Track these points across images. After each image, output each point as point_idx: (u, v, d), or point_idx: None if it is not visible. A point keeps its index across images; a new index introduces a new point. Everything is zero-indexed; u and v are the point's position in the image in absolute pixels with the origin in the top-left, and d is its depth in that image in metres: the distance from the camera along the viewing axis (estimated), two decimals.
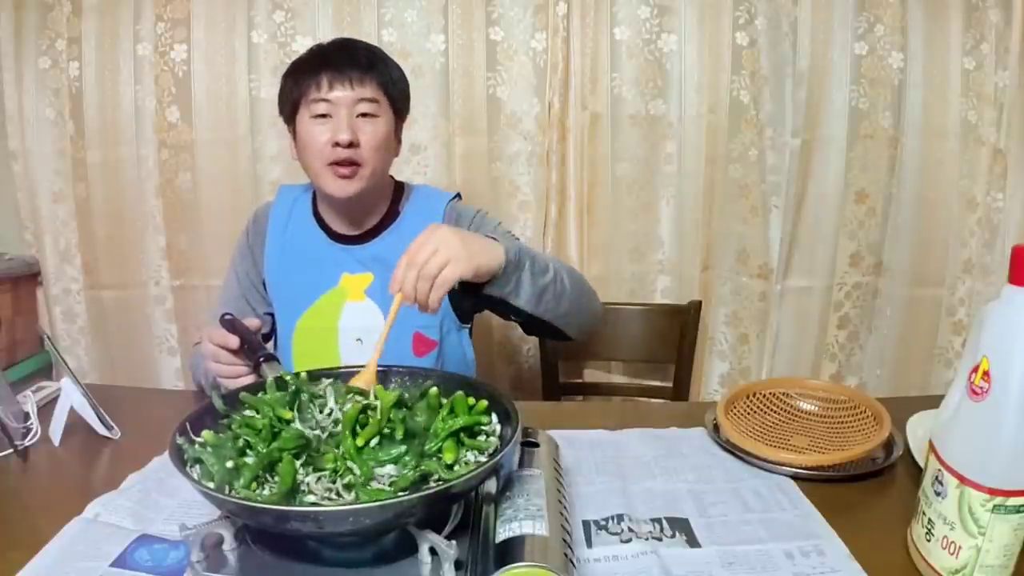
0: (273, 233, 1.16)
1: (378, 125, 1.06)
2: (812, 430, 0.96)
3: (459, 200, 1.21)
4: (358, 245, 1.13)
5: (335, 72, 1.03)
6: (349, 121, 1.03)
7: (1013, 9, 1.62)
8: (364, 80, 1.04)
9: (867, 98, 1.68)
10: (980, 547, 0.60)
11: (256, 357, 0.87)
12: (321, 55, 1.06)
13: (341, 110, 1.03)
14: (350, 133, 1.02)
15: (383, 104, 1.06)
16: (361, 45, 1.09)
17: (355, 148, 1.03)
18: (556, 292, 0.94)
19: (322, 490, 0.61)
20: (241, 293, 1.17)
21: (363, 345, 1.11)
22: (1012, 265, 0.59)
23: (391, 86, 1.07)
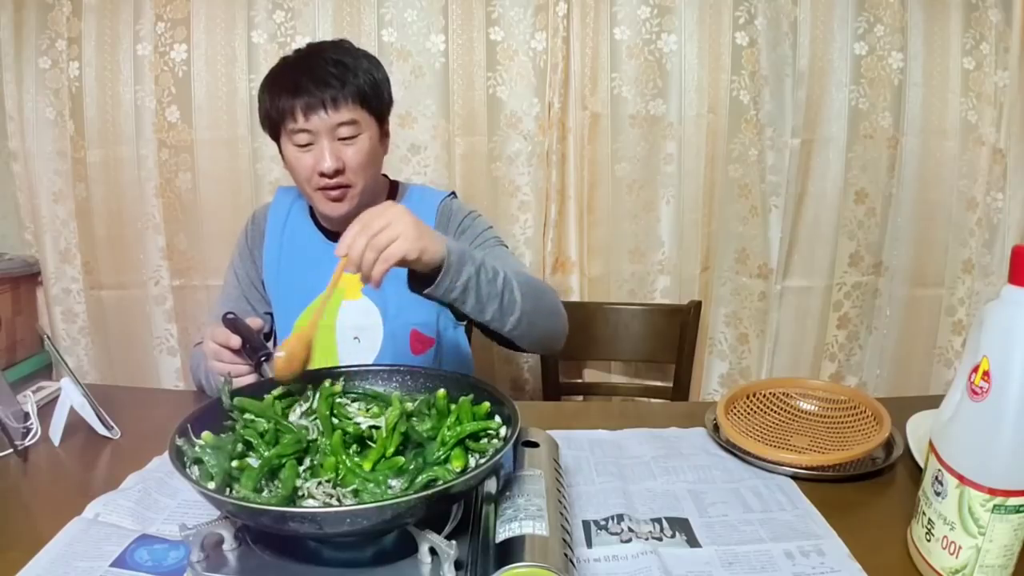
0: (271, 234, 1.16)
1: (360, 143, 1.03)
2: (812, 430, 0.96)
3: (454, 199, 1.20)
4: None
5: (308, 98, 0.99)
6: (331, 147, 1.01)
7: (1013, 9, 1.62)
8: (339, 103, 0.99)
9: (867, 98, 1.68)
10: (980, 547, 0.60)
11: (257, 356, 0.88)
12: (292, 75, 1.01)
13: (322, 137, 1.00)
14: (334, 161, 1.00)
15: (362, 119, 1.03)
16: (332, 56, 1.02)
17: (341, 174, 1.02)
18: (505, 303, 0.91)
19: (322, 494, 0.61)
20: (241, 293, 1.18)
21: (360, 343, 1.11)
22: (1012, 265, 0.59)
23: (369, 96, 1.03)
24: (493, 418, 0.71)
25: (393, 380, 0.81)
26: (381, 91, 1.06)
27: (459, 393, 0.73)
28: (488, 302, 0.89)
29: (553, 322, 1.01)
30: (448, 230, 1.15)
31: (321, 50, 1.05)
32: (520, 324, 0.93)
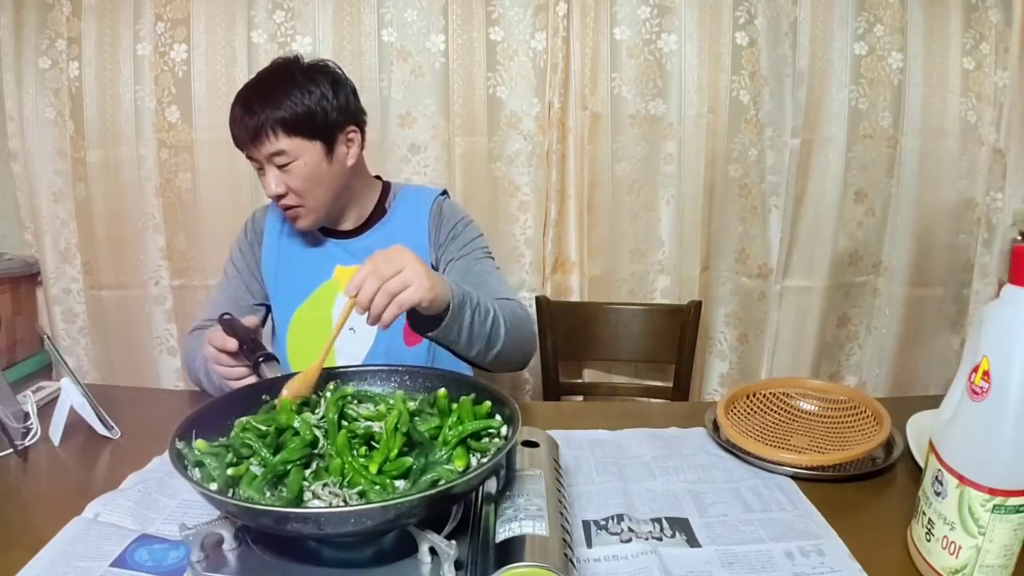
0: (270, 234, 1.19)
1: (297, 169, 1.04)
2: (812, 430, 0.96)
3: (446, 198, 1.22)
4: (348, 239, 1.16)
5: (240, 130, 1.04)
6: (272, 174, 1.05)
7: (1013, 9, 1.63)
8: (262, 136, 1.02)
9: (866, 98, 1.69)
10: (980, 547, 0.60)
11: (255, 357, 0.88)
12: (234, 106, 1.05)
13: (265, 164, 1.05)
14: (276, 187, 1.05)
15: (293, 147, 1.03)
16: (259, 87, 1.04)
17: (287, 196, 1.06)
18: (490, 340, 0.95)
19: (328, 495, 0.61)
20: (242, 282, 1.19)
21: (356, 334, 1.13)
22: (1012, 265, 0.59)
23: (298, 123, 1.02)
24: (494, 417, 0.71)
25: (392, 380, 0.81)
26: (315, 116, 1.04)
27: (459, 393, 0.73)
28: (476, 341, 0.94)
29: (525, 350, 1.07)
30: (440, 231, 1.17)
31: (265, 75, 1.07)
32: (498, 357, 0.98)
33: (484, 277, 1.11)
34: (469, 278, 1.09)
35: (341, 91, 1.08)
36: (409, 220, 1.17)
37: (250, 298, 1.19)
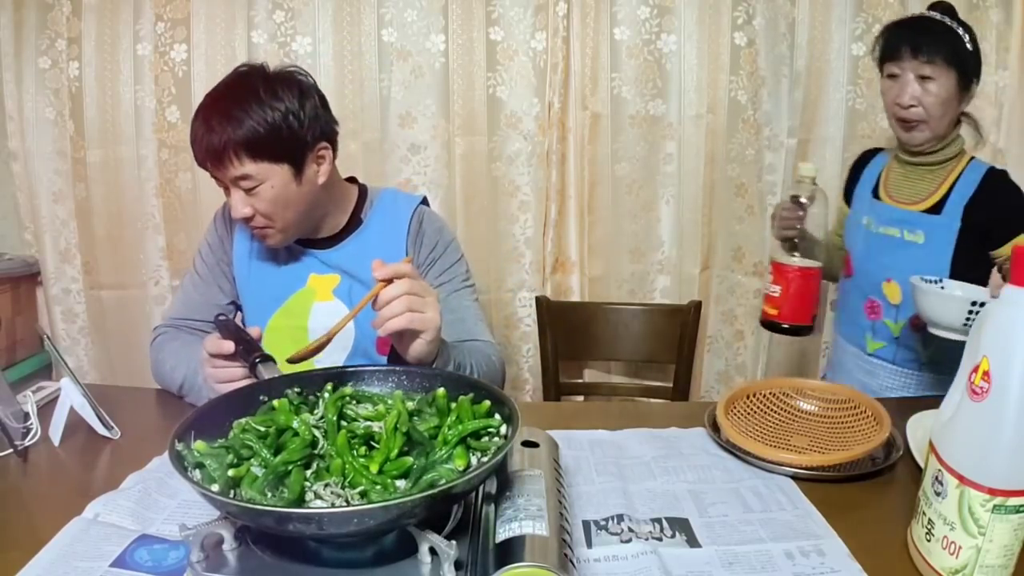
0: (241, 231, 1.15)
1: (263, 192, 1.00)
2: (812, 430, 0.96)
3: (427, 208, 1.19)
4: (323, 249, 1.13)
5: (203, 152, 0.98)
6: (238, 196, 1.00)
7: (1013, 9, 1.63)
8: (224, 160, 0.96)
9: (864, 99, 1.69)
10: (980, 547, 0.60)
11: (252, 358, 0.87)
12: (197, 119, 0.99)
13: (230, 186, 1.01)
14: (242, 208, 1.00)
15: (257, 171, 0.98)
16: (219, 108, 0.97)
17: (255, 217, 1.02)
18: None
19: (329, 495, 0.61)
20: (213, 279, 1.16)
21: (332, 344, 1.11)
22: (1012, 265, 0.59)
23: (260, 145, 0.97)
24: (493, 417, 0.71)
25: (390, 380, 0.81)
26: (280, 135, 0.97)
27: (457, 392, 0.73)
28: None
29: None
30: (421, 245, 1.13)
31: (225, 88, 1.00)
32: None
33: (461, 313, 1.10)
34: (446, 312, 1.04)
35: (308, 103, 1.01)
36: (386, 231, 1.13)
37: (221, 297, 1.15)
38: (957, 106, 1.22)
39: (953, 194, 1.22)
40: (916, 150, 1.25)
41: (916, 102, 1.18)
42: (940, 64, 1.16)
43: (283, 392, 0.75)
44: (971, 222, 1.19)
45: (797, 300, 1.15)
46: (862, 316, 1.31)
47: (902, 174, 1.30)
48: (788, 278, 1.16)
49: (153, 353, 1.13)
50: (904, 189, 1.29)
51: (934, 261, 1.21)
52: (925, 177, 1.26)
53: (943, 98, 1.18)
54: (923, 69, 1.17)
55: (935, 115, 1.19)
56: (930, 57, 1.16)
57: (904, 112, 1.20)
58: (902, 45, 1.19)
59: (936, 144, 1.24)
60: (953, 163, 1.24)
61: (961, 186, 1.22)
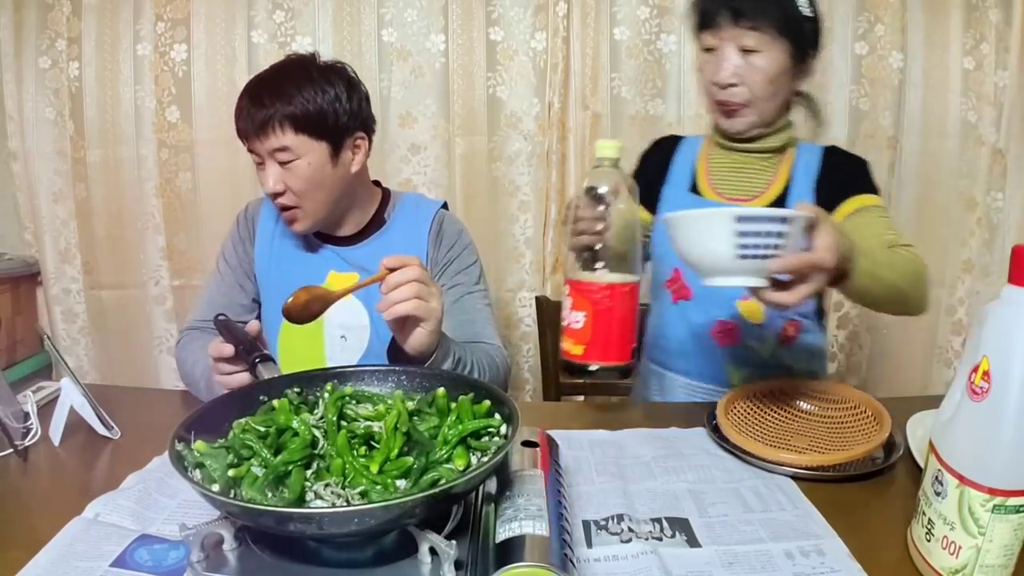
0: (263, 230, 1.17)
1: (299, 168, 1.02)
2: (812, 430, 0.96)
3: (447, 212, 1.21)
4: (344, 247, 1.14)
5: (246, 122, 1.01)
6: (272, 171, 1.02)
7: (1013, 9, 1.63)
8: (268, 130, 1.00)
9: (867, 98, 1.69)
10: (980, 547, 0.60)
11: (252, 358, 0.87)
12: (241, 98, 1.03)
13: (267, 159, 1.02)
14: (274, 184, 1.02)
15: (298, 145, 1.01)
16: (273, 80, 1.02)
17: (284, 195, 1.04)
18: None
19: (330, 495, 0.61)
20: (235, 279, 1.17)
21: (347, 342, 1.12)
22: (1012, 265, 0.59)
23: (308, 121, 1.01)
24: (493, 416, 0.71)
25: (389, 380, 0.81)
26: (326, 116, 1.02)
27: (457, 392, 0.73)
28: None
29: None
30: (440, 249, 1.15)
31: (279, 68, 1.05)
32: None
33: (472, 315, 1.11)
34: (457, 312, 1.08)
35: (355, 95, 1.06)
36: (408, 233, 1.15)
37: (244, 296, 1.17)
38: (790, 84, 1.01)
39: (795, 180, 1.04)
40: (738, 137, 1.05)
41: (738, 80, 0.98)
42: (768, 32, 0.95)
43: (283, 392, 0.75)
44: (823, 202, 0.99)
45: (608, 331, 0.88)
46: (711, 345, 1.10)
47: (729, 164, 1.10)
48: (594, 300, 0.88)
49: (177, 353, 1.14)
50: (734, 182, 1.09)
51: None
52: (759, 165, 1.07)
53: (771, 74, 0.96)
54: (746, 39, 0.96)
55: (762, 95, 0.98)
56: (755, 23, 0.94)
57: (723, 93, 1.00)
58: (719, 9, 0.96)
59: (764, 131, 1.04)
60: (789, 149, 1.07)
61: (803, 168, 1.05)
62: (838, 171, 1.06)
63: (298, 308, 0.86)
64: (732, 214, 0.71)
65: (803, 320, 1.13)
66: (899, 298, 0.92)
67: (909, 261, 0.95)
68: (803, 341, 1.13)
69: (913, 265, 0.94)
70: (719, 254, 0.73)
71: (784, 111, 1.06)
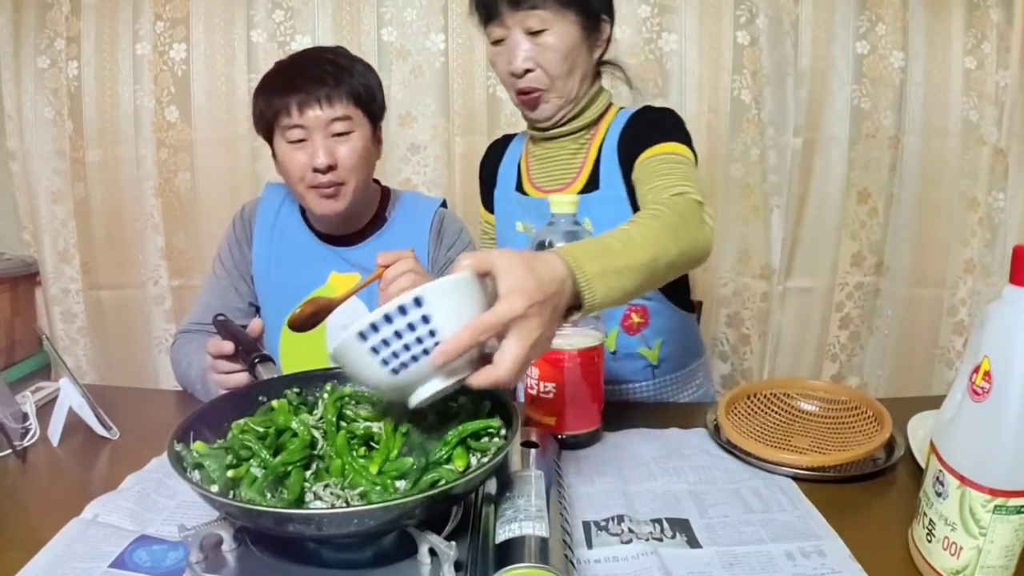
0: (261, 231, 1.16)
1: (354, 141, 1.03)
2: (813, 431, 0.95)
3: (447, 210, 1.21)
4: (345, 247, 1.14)
5: (304, 94, 1.00)
6: (324, 144, 1.02)
7: (1014, 8, 1.62)
8: (333, 99, 1.01)
9: (869, 97, 1.68)
10: (981, 548, 0.60)
11: (251, 358, 0.87)
12: (287, 74, 1.03)
13: (315, 134, 1.01)
14: (327, 157, 1.01)
15: (357, 118, 1.04)
16: (327, 57, 1.05)
17: (334, 170, 1.03)
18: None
19: (329, 496, 0.61)
20: (231, 282, 1.17)
21: None
22: (1013, 265, 0.58)
23: (363, 96, 1.04)
24: (493, 417, 0.71)
25: None
26: (375, 95, 1.07)
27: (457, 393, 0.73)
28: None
29: None
30: (440, 248, 1.16)
31: (318, 54, 1.07)
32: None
33: None
34: None
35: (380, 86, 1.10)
36: (408, 231, 1.15)
37: (239, 300, 1.16)
38: (588, 56, 0.97)
39: (603, 155, 0.98)
40: (548, 124, 1.01)
41: (532, 64, 0.94)
42: (550, 8, 0.91)
43: (282, 392, 0.74)
44: (629, 162, 0.93)
45: (580, 398, 0.86)
46: None
47: (542, 156, 1.06)
48: (565, 370, 0.85)
49: (172, 355, 1.14)
50: (550, 174, 1.05)
51: None
52: (571, 148, 1.02)
53: (564, 51, 0.92)
54: (530, 20, 0.92)
55: (559, 74, 0.94)
56: (533, 2, 0.91)
57: (522, 82, 0.95)
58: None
59: (572, 110, 0.99)
60: (599, 124, 1.00)
61: (609, 141, 0.98)
62: (637, 128, 0.98)
63: (303, 319, 0.86)
64: (352, 334, 0.58)
65: (648, 303, 1.04)
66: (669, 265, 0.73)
67: (655, 219, 0.76)
68: (660, 326, 1.05)
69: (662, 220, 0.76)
70: (379, 378, 0.59)
71: (588, 86, 1.00)
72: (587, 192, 1.00)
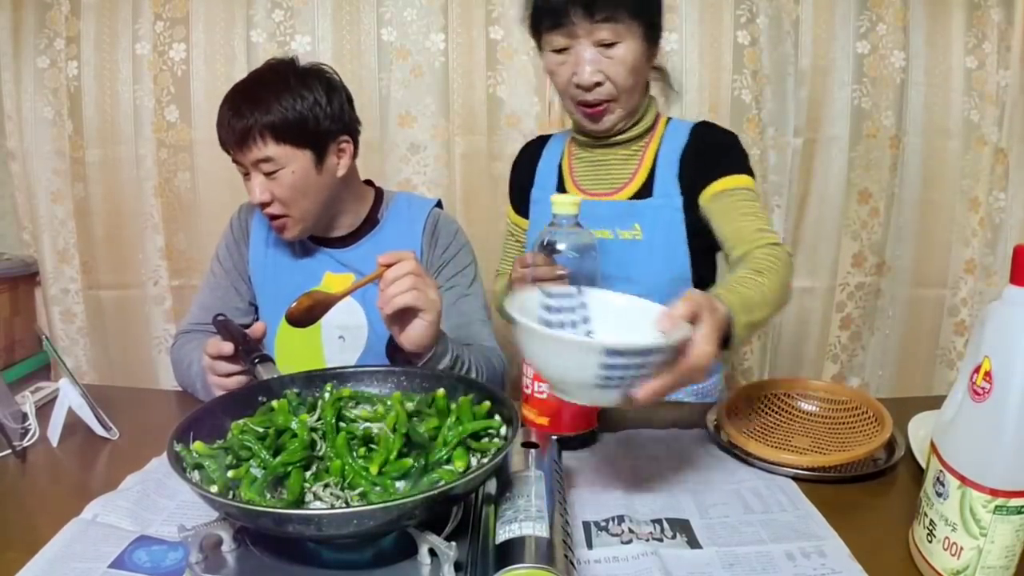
0: (257, 233, 1.16)
1: (283, 178, 1.01)
2: (813, 431, 0.95)
3: (441, 211, 1.20)
4: (338, 249, 1.14)
5: (228, 135, 1.00)
6: (259, 181, 1.01)
7: (1015, 8, 1.62)
8: (248, 141, 0.98)
9: (869, 97, 1.68)
10: (982, 548, 0.60)
11: (251, 359, 0.87)
12: (227, 104, 1.01)
13: (252, 170, 1.01)
14: (260, 195, 1.01)
15: (281, 155, 0.99)
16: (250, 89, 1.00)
17: (271, 205, 1.03)
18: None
19: (329, 496, 0.61)
20: (230, 282, 1.17)
21: (345, 342, 1.12)
22: (1014, 265, 0.58)
23: (286, 131, 0.98)
24: (493, 418, 0.71)
25: (388, 381, 0.80)
26: (306, 122, 1.00)
27: (457, 393, 0.73)
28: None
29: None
30: (435, 250, 1.14)
31: (258, 76, 1.04)
32: None
33: (470, 316, 1.11)
34: (453, 314, 1.08)
35: (336, 98, 1.04)
36: (402, 232, 1.14)
37: (238, 299, 1.16)
38: (647, 67, 0.95)
39: (659, 165, 0.98)
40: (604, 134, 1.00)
41: (601, 77, 0.91)
42: (624, 20, 0.88)
43: (282, 393, 0.74)
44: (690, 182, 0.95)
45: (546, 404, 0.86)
46: None
47: (589, 159, 1.05)
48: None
49: (172, 355, 1.14)
50: (598, 177, 1.04)
51: (665, 256, 0.99)
52: (622, 155, 1.02)
53: (633, 64, 0.90)
54: (602, 33, 0.88)
55: (626, 87, 0.92)
56: (609, 14, 0.87)
57: (588, 95, 0.93)
58: (568, 6, 0.88)
59: (629, 121, 0.99)
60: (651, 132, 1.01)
61: (666, 152, 0.99)
62: (704, 152, 0.99)
63: (301, 312, 0.86)
64: (602, 347, 0.61)
65: None
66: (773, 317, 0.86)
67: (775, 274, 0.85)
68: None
69: (779, 276, 0.86)
70: (581, 381, 0.63)
71: (644, 94, 1.00)
72: (639, 198, 1.00)
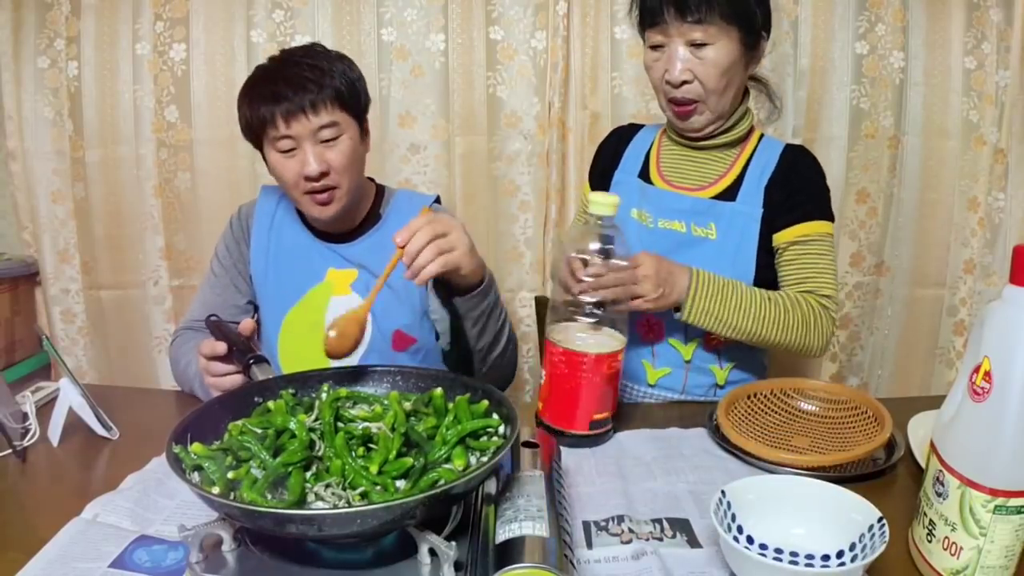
0: (258, 232, 1.16)
1: (343, 145, 1.03)
2: (813, 431, 0.95)
3: (440, 206, 1.21)
4: (342, 244, 1.14)
5: (288, 104, 0.99)
6: (314, 151, 1.01)
7: (1014, 8, 1.62)
8: (318, 106, 1.00)
9: (868, 97, 1.68)
10: (981, 548, 0.60)
11: (246, 359, 0.87)
12: (270, 82, 1.02)
13: (304, 142, 1.01)
14: (318, 165, 1.01)
15: (343, 121, 1.03)
16: (303, 62, 1.03)
17: (327, 176, 1.03)
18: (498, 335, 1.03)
19: (331, 496, 0.61)
20: (229, 280, 1.17)
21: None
22: (1013, 265, 0.59)
23: (347, 97, 1.03)
24: (491, 416, 0.71)
25: (385, 381, 0.80)
26: (358, 91, 1.07)
27: (454, 392, 0.73)
28: (488, 329, 1.00)
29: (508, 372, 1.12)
30: None
31: (294, 55, 1.06)
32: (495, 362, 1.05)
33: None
34: None
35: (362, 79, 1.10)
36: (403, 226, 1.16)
37: (239, 297, 1.17)
38: (743, 73, 0.97)
39: (749, 174, 1.00)
40: (697, 136, 1.03)
41: (690, 76, 0.94)
42: (716, 23, 0.90)
43: (278, 394, 0.74)
44: (773, 205, 0.99)
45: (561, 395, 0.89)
46: (635, 339, 1.05)
47: (680, 154, 1.07)
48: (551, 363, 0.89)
49: (171, 353, 1.14)
50: (685, 172, 1.05)
51: (733, 260, 1.01)
52: (714, 156, 1.04)
53: (723, 66, 0.93)
54: (694, 33, 0.92)
55: (715, 89, 0.95)
56: (701, 16, 0.90)
57: (676, 91, 0.96)
58: (663, 5, 0.92)
59: (722, 125, 1.01)
60: (745, 142, 1.03)
61: (757, 164, 1.01)
62: (791, 182, 1.02)
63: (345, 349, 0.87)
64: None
65: None
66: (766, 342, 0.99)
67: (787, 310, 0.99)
68: (732, 352, 1.09)
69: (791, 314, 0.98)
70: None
71: (739, 101, 1.03)
72: (721, 199, 1.02)
